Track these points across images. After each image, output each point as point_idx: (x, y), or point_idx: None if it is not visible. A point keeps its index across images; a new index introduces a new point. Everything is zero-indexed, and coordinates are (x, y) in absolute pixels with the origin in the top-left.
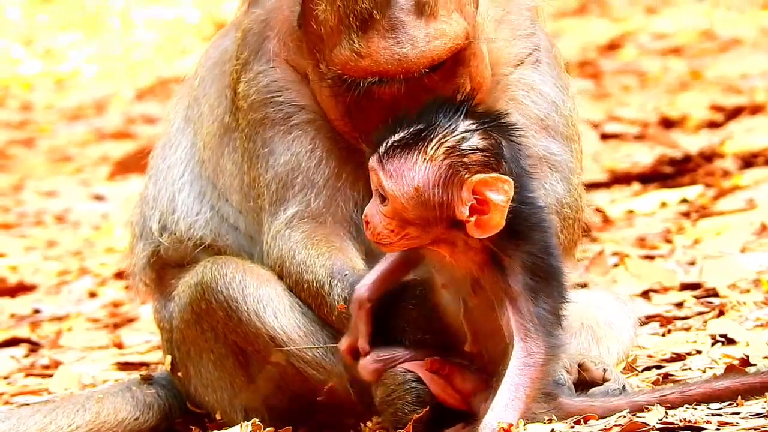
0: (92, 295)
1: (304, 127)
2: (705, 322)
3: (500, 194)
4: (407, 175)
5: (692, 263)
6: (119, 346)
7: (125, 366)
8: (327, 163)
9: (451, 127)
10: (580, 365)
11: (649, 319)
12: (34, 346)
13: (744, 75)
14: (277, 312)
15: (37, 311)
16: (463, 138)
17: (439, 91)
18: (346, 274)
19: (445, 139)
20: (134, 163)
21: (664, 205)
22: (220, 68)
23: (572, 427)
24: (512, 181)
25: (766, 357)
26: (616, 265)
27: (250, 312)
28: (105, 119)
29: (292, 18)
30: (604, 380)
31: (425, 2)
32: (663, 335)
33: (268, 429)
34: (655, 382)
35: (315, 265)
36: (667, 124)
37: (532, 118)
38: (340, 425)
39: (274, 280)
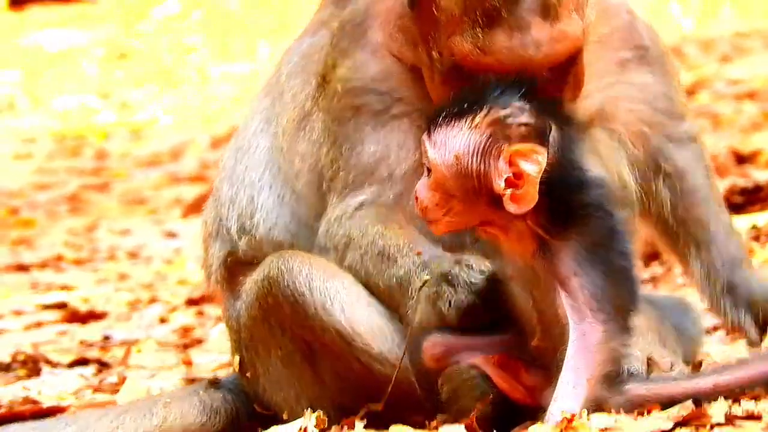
0: (162, 320)
1: (400, 119)
2: None
3: (533, 164)
4: (449, 143)
5: None
6: (188, 364)
7: (193, 381)
8: (413, 156)
9: (502, 103)
10: (648, 358)
11: (717, 328)
12: (103, 366)
13: None
14: (344, 305)
15: (107, 337)
16: (511, 113)
17: (549, 89)
18: (422, 249)
19: (493, 111)
20: None
21: None
22: (306, 60)
23: (636, 418)
24: (546, 153)
25: None
26: (684, 285)
27: (317, 306)
28: (180, 165)
29: (397, 9)
30: None
31: (551, 4)
32: (729, 344)
33: (333, 426)
34: None
35: (388, 235)
36: (740, 159)
37: (650, 116)
38: (407, 422)
39: (341, 273)
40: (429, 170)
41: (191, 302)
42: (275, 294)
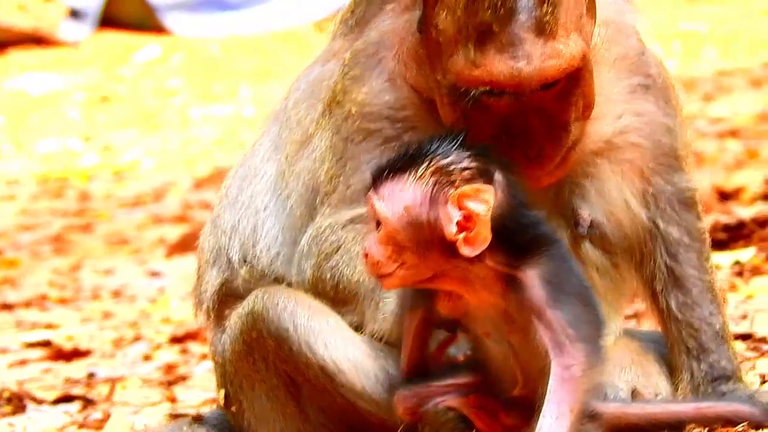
0: (147, 358)
1: None
2: (754, 366)
3: (482, 204)
4: (397, 196)
5: (744, 317)
6: (172, 400)
7: (178, 417)
8: None
9: (443, 153)
10: (633, 390)
11: None
12: (88, 403)
13: None
14: (327, 342)
15: (91, 375)
16: (453, 160)
17: (550, 110)
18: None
19: (436, 161)
20: (191, 243)
21: (717, 267)
22: (313, 87)
23: None
24: (492, 191)
25: None
26: None
27: (301, 342)
28: (162, 206)
29: (409, 38)
30: None
31: (546, 21)
32: None
33: None
34: None
35: (358, 264)
36: (723, 196)
37: (653, 149)
38: None
39: (326, 310)
40: (378, 224)
41: (175, 340)
42: (259, 329)
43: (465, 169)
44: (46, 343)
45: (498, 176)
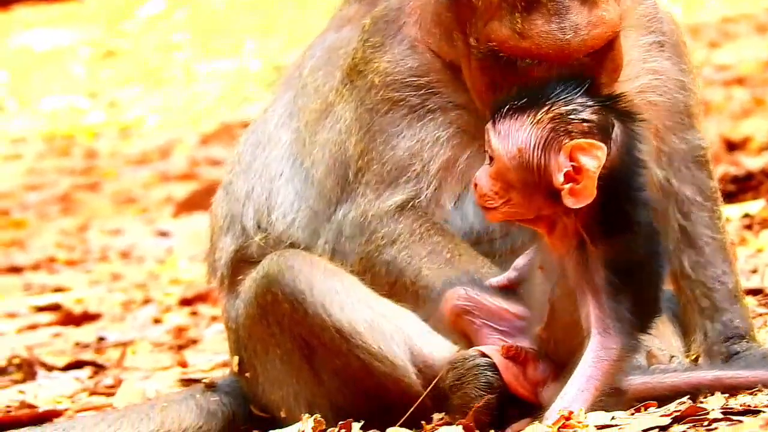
0: (157, 321)
1: (435, 114)
2: (765, 322)
3: (593, 160)
4: (513, 135)
5: (754, 271)
6: (183, 365)
7: (189, 382)
8: (446, 152)
9: (567, 99)
10: (647, 352)
11: None
12: (99, 368)
13: None
14: (344, 304)
15: (101, 338)
16: (574, 109)
17: (588, 75)
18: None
19: (557, 107)
20: (199, 201)
21: (727, 220)
22: (329, 54)
23: (632, 414)
24: (606, 149)
25: None
26: None
27: (317, 304)
28: (169, 163)
29: (432, 3)
30: None
31: None
32: None
33: (330, 429)
34: None
35: (420, 265)
36: (731, 146)
37: (669, 107)
38: (404, 423)
39: (341, 272)
40: (491, 159)
41: (185, 302)
42: (275, 292)
43: (584, 120)
44: (55, 307)
45: (616, 133)
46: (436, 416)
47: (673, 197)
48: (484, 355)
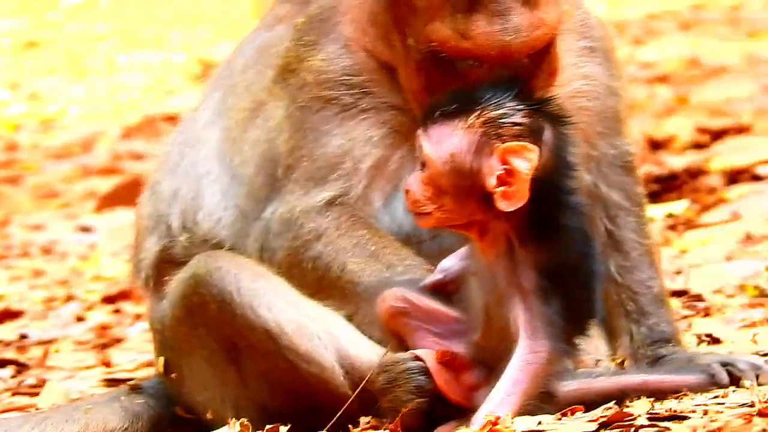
0: (79, 319)
1: (368, 113)
2: (690, 324)
3: (525, 162)
4: (445, 141)
5: (678, 272)
6: (107, 364)
7: (113, 382)
8: (377, 151)
9: (497, 102)
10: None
11: None
12: (21, 367)
13: (729, 99)
14: (271, 305)
15: (23, 336)
16: (505, 113)
17: (524, 77)
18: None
19: (488, 111)
20: (122, 196)
21: (651, 220)
22: (261, 53)
23: (559, 419)
24: (537, 151)
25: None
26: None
27: (245, 305)
28: (91, 157)
29: (368, 3)
30: None
31: None
32: None
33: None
34: None
35: (345, 259)
36: (654, 145)
37: (600, 112)
38: (331, 428)
39: (268, 274)
40: (423, 165)
41: (108, 299)
42: (202, 293)
43: (515, 124)
44: None
45: (547, 136)
46: (363, 419)
47: (601, 202)
48: (417, 358)
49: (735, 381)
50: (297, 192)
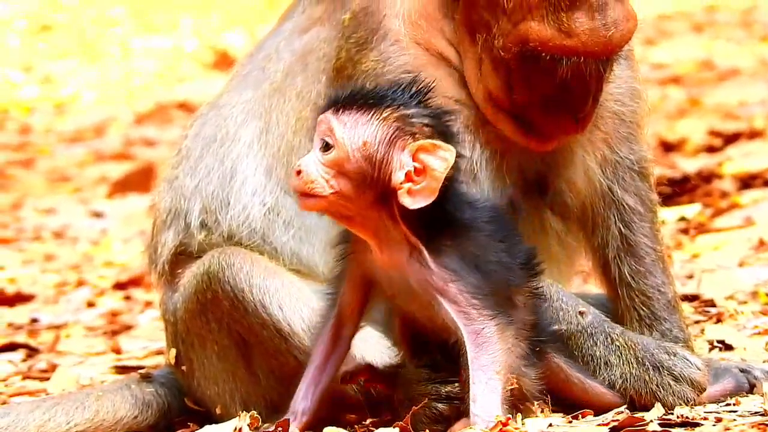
0: (90, 305)
1: None
2: (702, 330)
3: (441, 161)
4: (360, 127)
5: (690, 276)
6: (117, 351)
7: (123, 369)
8: None
9: (405, 104)
10: None
11: None
12: (32, 351)
13: (742, 103)
14: (282, 303)
15: (35, 320)
16: (415, 114)
17: (602, 73)
18: None
19: (400, 108)
20: (133, 182)
21: (663, 223)
22: (307, 58)
23: (570, 422)
24: (455, 152)
25: (765, 361)
26: None
27: (256, 303)
28: (104, 142)
29: None
30: None
31: None
32: None
33: (265, 424)
34: None
35: None
36: (667, 147)
37: (623, 115)
38: (340, 423)
39: (281, 271)
40: (327, 147)
41: (119, 286)
42: (215, 289)
43: (427, 125)
44: None
45: (454, 141)
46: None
47: (615, 206)
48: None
49: (750, 388)
50: None
